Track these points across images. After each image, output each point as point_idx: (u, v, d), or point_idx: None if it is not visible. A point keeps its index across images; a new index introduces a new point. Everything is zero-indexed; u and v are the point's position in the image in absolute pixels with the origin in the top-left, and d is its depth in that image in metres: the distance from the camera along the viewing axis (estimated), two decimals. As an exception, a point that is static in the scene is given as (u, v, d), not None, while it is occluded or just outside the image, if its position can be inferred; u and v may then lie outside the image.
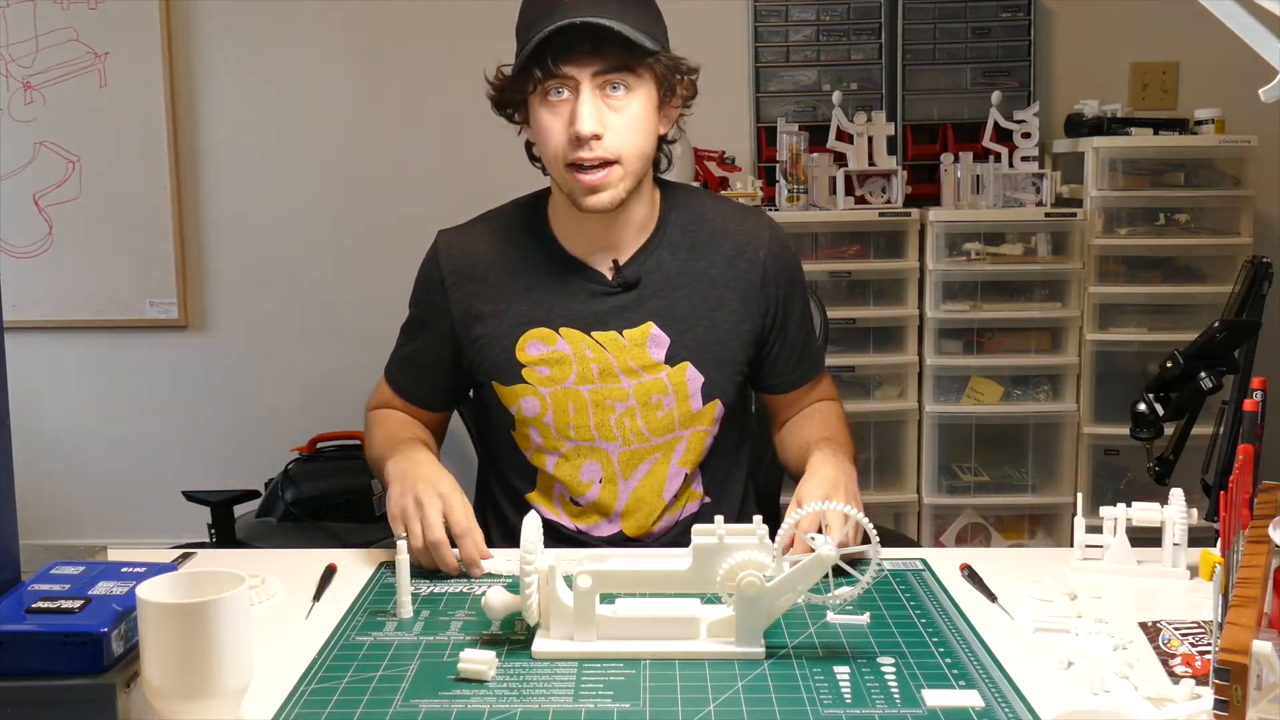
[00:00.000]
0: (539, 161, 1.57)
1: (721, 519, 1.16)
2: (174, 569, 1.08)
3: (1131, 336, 3.01)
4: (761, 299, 1.61)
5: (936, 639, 1.19)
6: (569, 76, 1.45)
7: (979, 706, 1.04)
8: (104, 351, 3.56)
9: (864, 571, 1.17)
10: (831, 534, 1.20)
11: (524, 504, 1.62)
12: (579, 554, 1.36)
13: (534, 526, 1.17)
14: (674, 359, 1.56)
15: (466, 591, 1.34)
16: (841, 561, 1.14)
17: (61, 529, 3.52)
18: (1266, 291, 1.64)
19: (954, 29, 3.26)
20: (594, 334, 1.56)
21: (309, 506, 2.98)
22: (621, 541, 1.59)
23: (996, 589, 1.33)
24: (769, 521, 1.17)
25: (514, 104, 1.54)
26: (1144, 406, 1.62)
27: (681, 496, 1.61)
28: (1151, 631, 1.20)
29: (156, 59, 3.41)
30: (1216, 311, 1.66)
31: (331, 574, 1.40)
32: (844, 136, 3.06)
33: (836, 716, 1.03)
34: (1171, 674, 1.10)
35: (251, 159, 3.50)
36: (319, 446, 3.22)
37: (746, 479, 1.74)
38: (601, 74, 1.45)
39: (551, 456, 1.59)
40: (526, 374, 1.57)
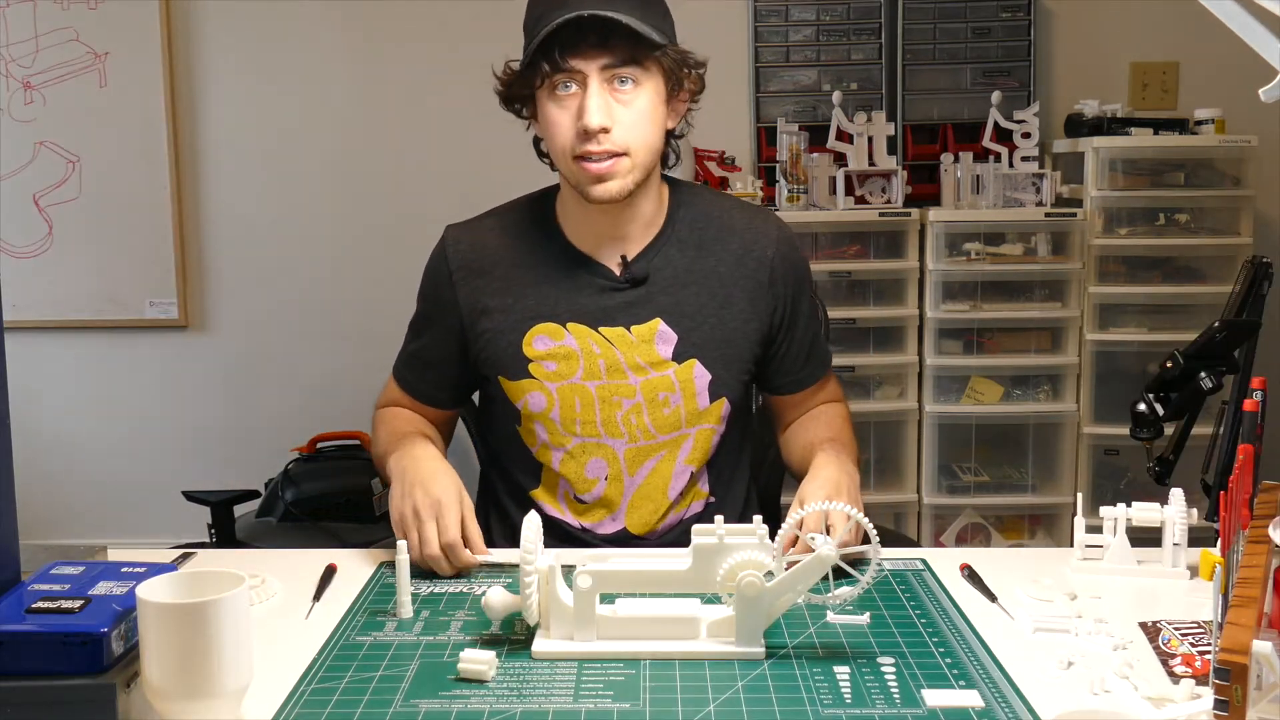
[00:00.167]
0: (547, 157, 1.57)
1: (722, 519, 1.16)
2: (174, 569, 1.08)
3: (1131, 336, 3.01)
4: (769, 298, 1.61)
5: (936, 639, 1.19)
6: (577, 70, 1.44)
7: (979, 706, 1.04)
8: (104, 351, 3.56)
9: (864, 571, 1.17)
10: (833, 534, 1.20)
11: (528, 501, 1.62)
12: (580, 554, 1.36)
13: (534, 526, 1.17)
14: (681, 356, 1.56)
15: (466, 591, 1.34)
16: (841, 561, 1.14)
17: (61, 529, 3.52)
18: (1266, 291, 1.64)
19: (954, 29, 3.26)
20: (601, 329, 1.55)
21: (309, 506, 2.98)
22: (625, 539, 1.59)
23: (996, 589, 1.33)
24: (770, 522, 1.17)
25: (522, 99, 1.54)
26: (1144, 406, 1.62)
27: (687, 495, 1.61)
28: (1151, 631, 1.20)
29: (156, 59, 3.41)
30: (1216, 311, 1.66)
31: (331, 574, 1.40)
32: (844, 136, 3.06)
33: (836, 716, 1.03)
34: (1171, 674, 1.10)
35: (251, 159, 3.50)
36: (319, 446, 3.22)
37: (750, 480, 1.74)
38: (609, 68, 1.44)
39: (557, 452, 1.58)
40: (533, 369, 1.56)
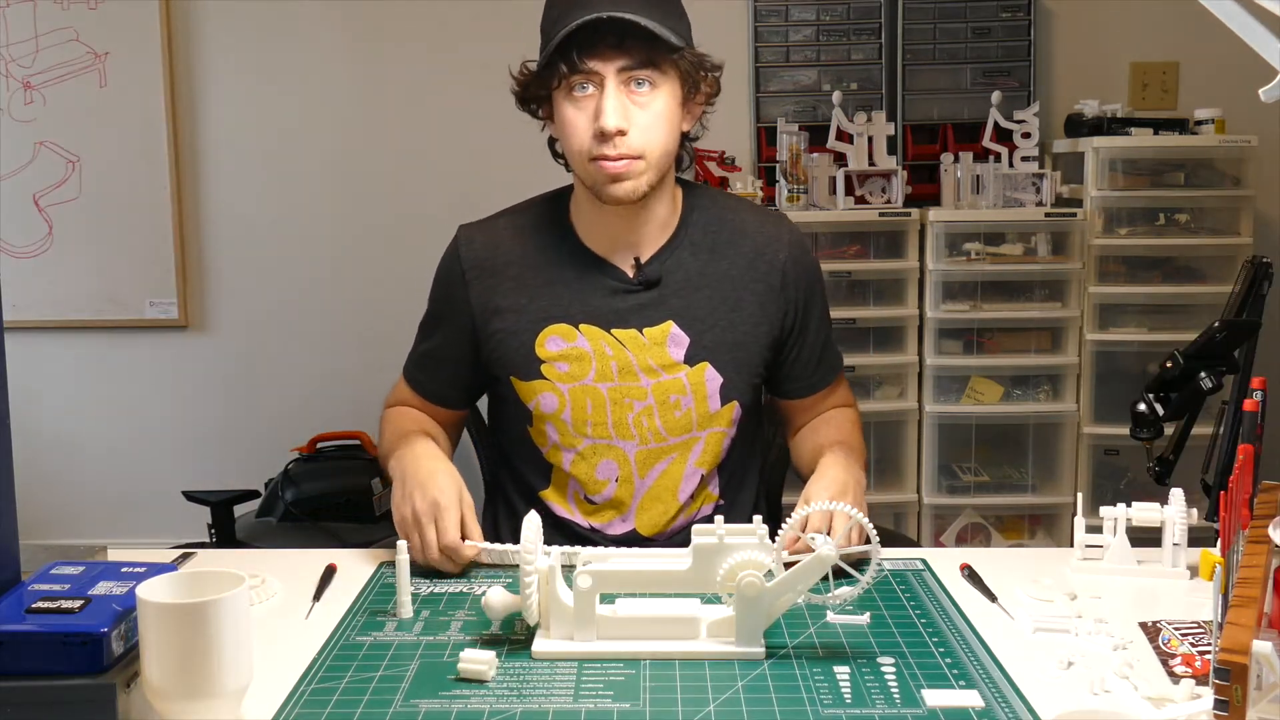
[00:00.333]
0: (561, 158, 1.57)
1: (722, 519, 1.16)
2: (174, 569, 1.08)
3: (1131, 336, 3.01)
4: (781, 302, 1.61)
5: (936, 639, 1.19)
6: (594, 72, 1.44)
7: (979, 706, 1.04)
8: (104, 351, 3.56)
9: (864, 571, 1.17)
10: (834, 534, 1.20)
11: (537, 501, 1.62)
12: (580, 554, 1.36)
13: (534, 526, 1.17)
14: (693, 359, 1.56)
15: (466, 591, 1.34)
16: (841, 561, 1.14)
17: (61, 529, 3.52)
18: (1266, 291, 1.64)
19: (954, 29, 3.26)
20: (614, 331, 1.55)
21: (309, 506, 2.98)
22: (635, 540, 1.59)
23: (996, 589, 1.33)
24: (771, 522, 1.17)
25: (538, 99, 1.54)
26: (1144, 406, 1.62)
27: (698, 498, 1.61)
28: (1151, 631, 1.20)
29: (156, 59, 3.41)
30: (1216, 311, 1.66)
31: (331, 574, 1.40)
32: (844, 136, 3.06)
33: (836, 716, 1.03)
34: (1171, 674, 1.10)
35: (251, 159, 3.50)
36: (319, 446, 3.22)
37: (759, 484, 1.74)
38: (626, 70, 1.44)
39: (568, 453, 1.58)
40: (545, 370, 1.56)
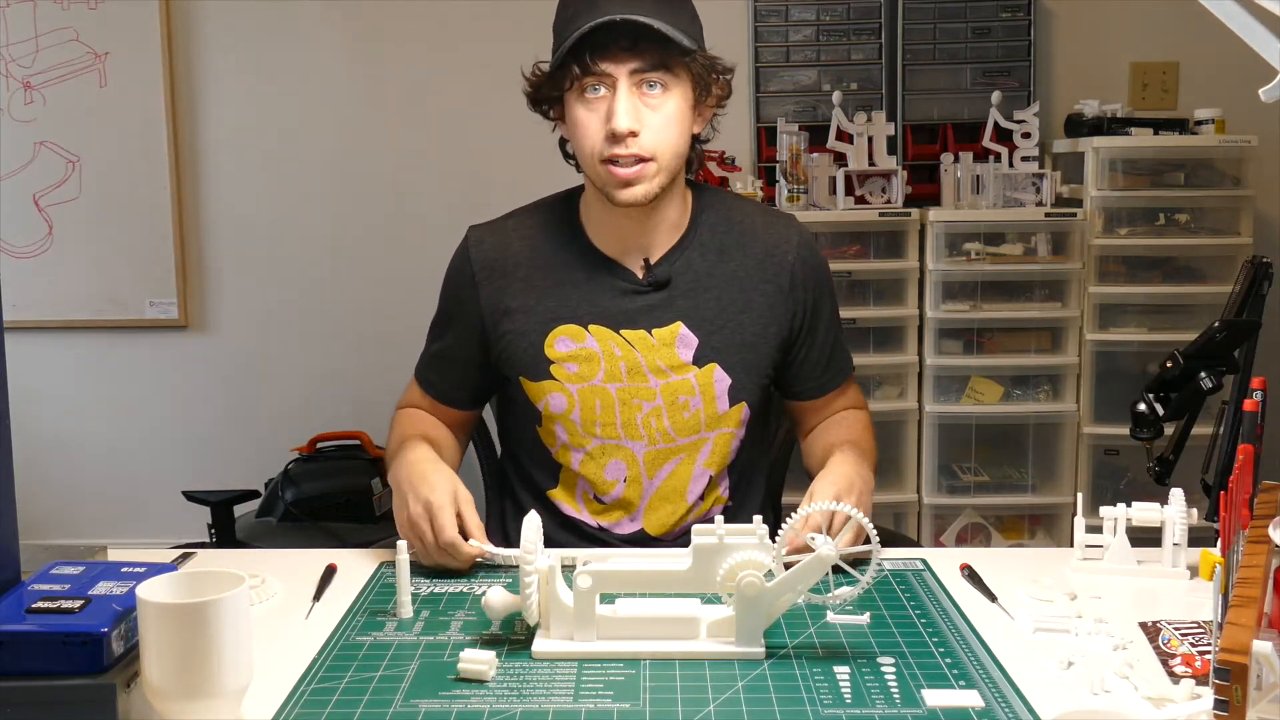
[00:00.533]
0: (573, 159, 1.57)
1: (722, 519, 1.16)
2: (174, 569, 1.08)
3: (1131, 336, 3.01)
4: (790, 303, 1.61)
5: (936, 639, 1.19)
6: (606, 74, 1.45)
7: (979, 706, 1.04)
8: (104, 351, 3.56)
9: (864, 571, 1.17)
10: (833, 533, 1.20)
11: (546, 500, 1.62)
12: (580, 553, 1.36)
13: (534, 526, 1.17)
14: (702, 360, 1.56)
15: (466, 591, 1.34)
16: (841, 561, 1.14)
17: (61, 529, 3.52)
18: (1266, 291, 1.64)
19: (954, 29, 3.26)
20: (623, 332, 1.55)
21: (309, 506, 2.98)
22: (643, 540, 1.59)
23: (996, 589, 1.33)
24: (773, 520, 1.17)
25: (550, 100, 1.54)
26: (1144, 406, 1.62)
27: (707, 499, 1.61)
28: (1151, 631, 1.20)
29: (156, 59, 3.41)
30: (1216, 311, 1.66)
31: (331, 574, 1.40)
32: (844, 136, 3.06)
33: (836, 716, 1.03)
34: (1171, 674, 1.10)
35: (251, 159, 3.50)
36: (319, 446, 3.22)
37: (766, 486, 1.74)
38: (639, 72, 1.45)
39: (577, 453, 1.58)
40: (554, 370, 1.56)
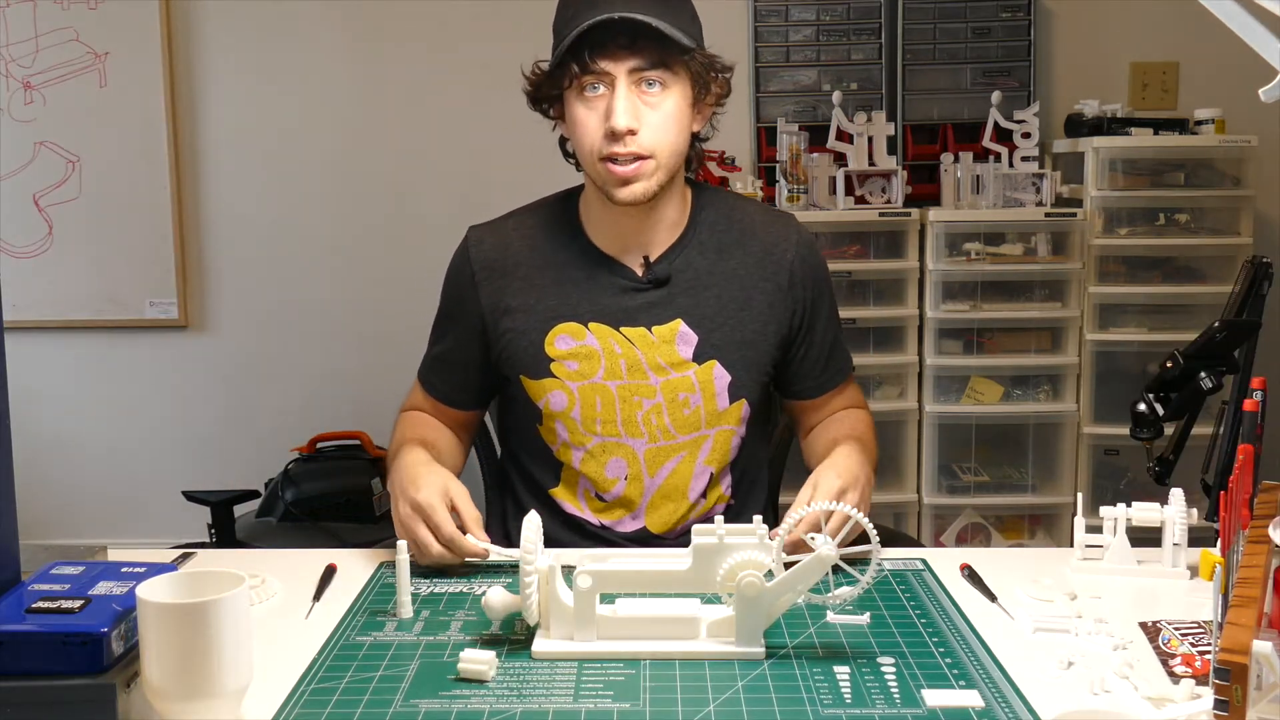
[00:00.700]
0: (572, 158, 1.57)
1: (722, 519, 1.17)
2: (174, 569, 1.08)
3: (1131, 336, 3.01)
4: (789, 301, 1.61)
5: (936, 639, 1.19)
6: (605, 72, 1.45)
7: (979, 706, 1.04)
8: (104, 351, 3.56)
9: (864, 571, 1.17)
10: (831, 532, 1.20)
11: (547, 499, 1.62)
12: (580, 553, 1.36)
13: (534, 526, 1.17)
14: (701, 357, 1.56)
15: (466, 591, 1.34)
16: (841, 561, 1.14)
17: (61, 529, 3.52)
18: (1266, 291, 1.64)
19: (954, 29, 3.26)
20: (623, 329, 1.56)
21: (309, 506, 2.98)
22: (645, 538, 1.60)
23: (996, 589, 1.33)
24: (774, 522, 1.17)
25: (550, 99, 1.54)
26: (1144, 406, 1.62)
27: (709, 497, 1.61)
28: (1151, 631, 1.20)
29: (156, 59, 3.41)
30: (1216, 311, 1.66)
31: (331, 574, 1.40)
32: (844, 136, 3.06)
33: (836, 716, 1.03)
34: (1171, 674, 1.10)
35: (251, 159, 3.50)
36: (319, 446, 3.22)
37: (768, 486, 1.74)
38: (638, 70, 1.46)
39: (577, 451, 1.59)
40: (555, 368, 1.57)
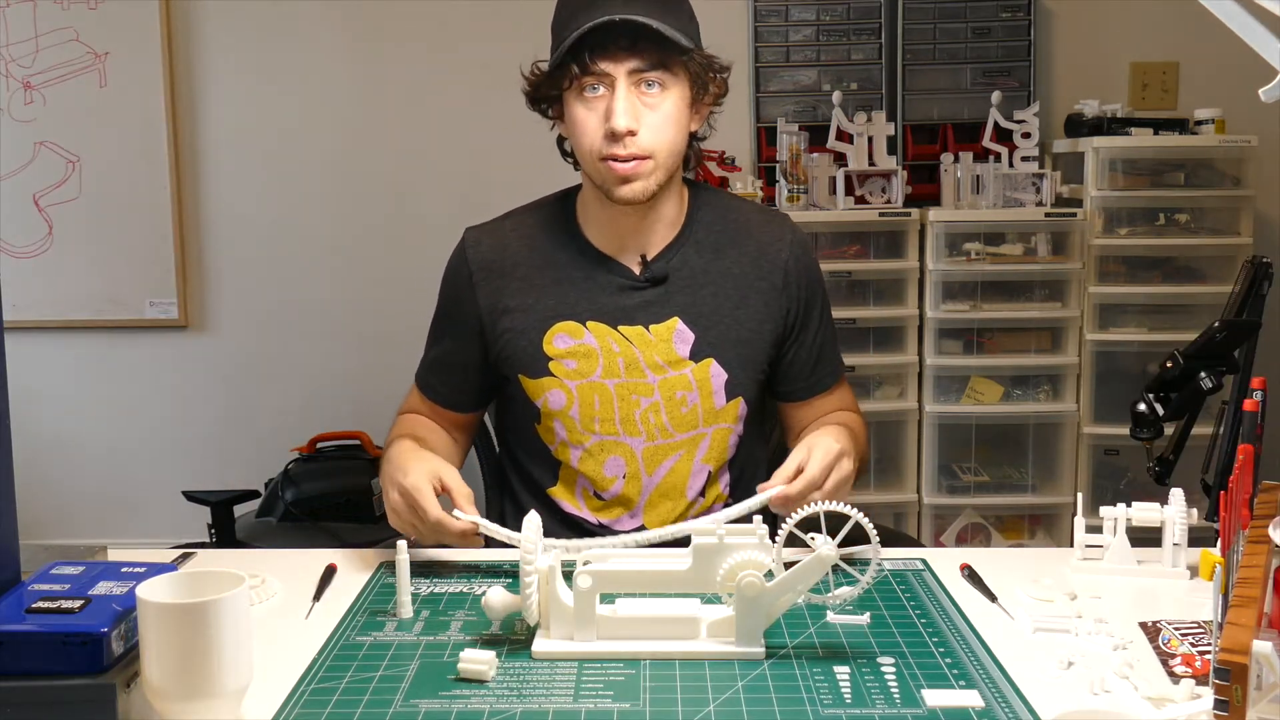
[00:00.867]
0: (570, 157, 1.58)
1: (723, 519, 1.17)
2: (174, 569, 1.08)
3: (1131, 336, 3.01)
4: (783, 300, 1.61)
5: (936, 639, 1.19)
6: (605, 73, 1.46)
7: (979, 706, 1.04)
8: (104, 351, 3.56)
9: (864, 571, 1.17)
10: (811, 468, 1.26)
11: (546, 498, 1.62)
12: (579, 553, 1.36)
13: (534, 526, 1.17)
14: (698, 355, 1.57)
15: (466, 591, 1.34)
16: (841, 561, 1.14)
17: (61, 529, 3.52)
18: (1266, 291, 1.64)
19: (954, 29, 3.26)
20: (621, 328, 1.56)
21: (309, 506, 2.98)
22: None
23: (996, 589, 1.33)
24: (771, 522, 1.17)
25: (549, 99, 1.55)
26: (1144, 406, 1.62)
27: (707, 495, 1.61)
28: (1151, 631, 1.20)
29: (156, 59, 3.41)
30: (1216, 311, 1.66)
31: (331, 574, 1.40)
32: (844, 136, 3.06)
33: (836, 716, 1.03)
34: (1171, 674, 1.10)
35: (251, 159, 3.50)
36: (319, 446, 3.22)
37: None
38: (637, 71, 1.46)
39: (576, 450, 1.59)
40: (553, 367, 1.57)
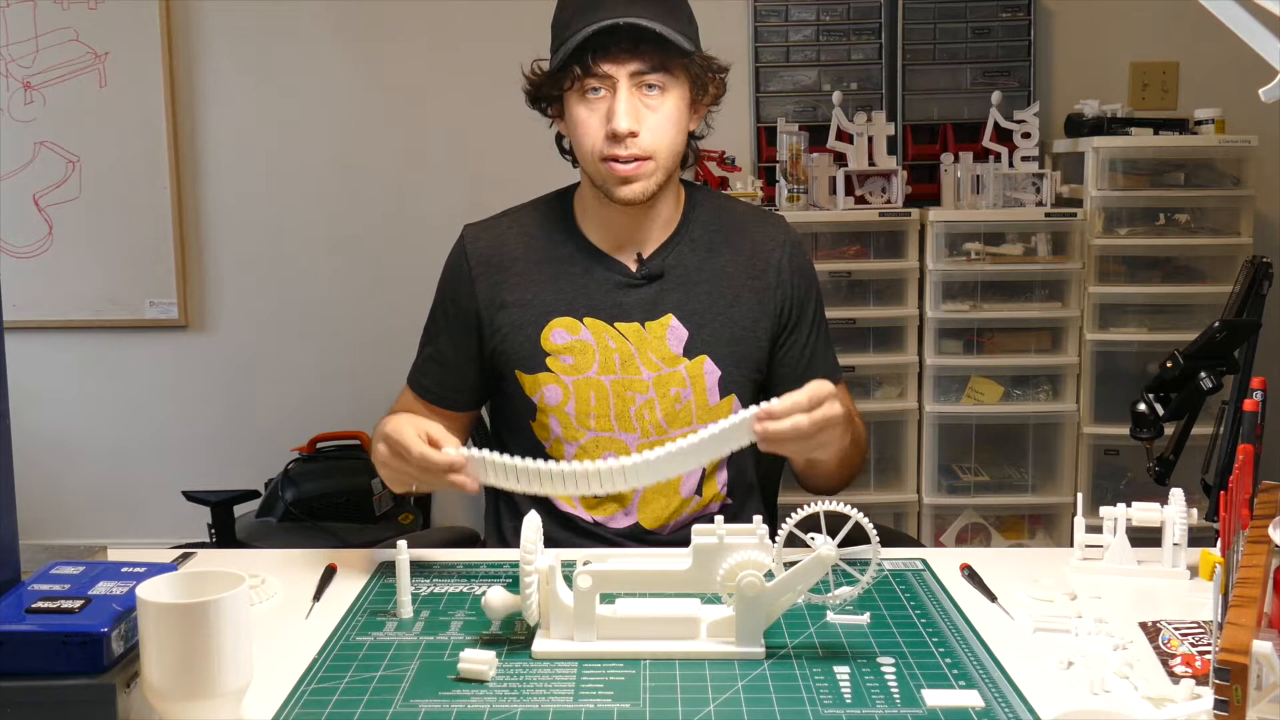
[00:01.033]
0: (569, 154, 1.59)
1: (722, 519, 1.17)
2: (174, 569, 1.08)
3: (1131, 336, 3.01)
4: (777, 299, 1.62)
5: (936, 639, 1.19)
6: (607, 75, 1.47)
7: (979, 706, 1.04)
8: (104, 351, 3.56)
9: (864, 571, 1.17)
10: (799, 394, 1.25)
11: (542, 497, 1.61)
12: (580, 553, 1.36)
13: (534, 526, 1.17)
14: (691, 352, 1.57)
15: (466, 591, 1.34)
16: (841, 561, 1.14)
17: (61, 529, 3.52)
18: (1266, 291, 1.64)
19: (954, 29, 3.26)
20: (617, 324, 1.57)
21: (309, 506, 2.98)
22: (639, 534, 1.60)
23: (996, 589, 1.33)
24: (771, 523, 1.17)
25: (549, 99, 1.56)
26: (1144, 406, 1.62)
27: (704, 494, 1.61)
28: (1151, 631, 1.20)
29: (156, 59, 3.41)
30: (1216, 311, 1.66)
31: (331, 574, 1.40)
32: (844, 136, 3.06)
33: (836, 716, 1.03)
34: (1171, 674, 1.10)
35: (251, 159, 3.49)
36: (319, 446, 3.22)
37: (763, 486, 1.74)
38: (639, 74, 1.48)
39: (570, 446, 1.59)
40: (550, 362, 1.57)
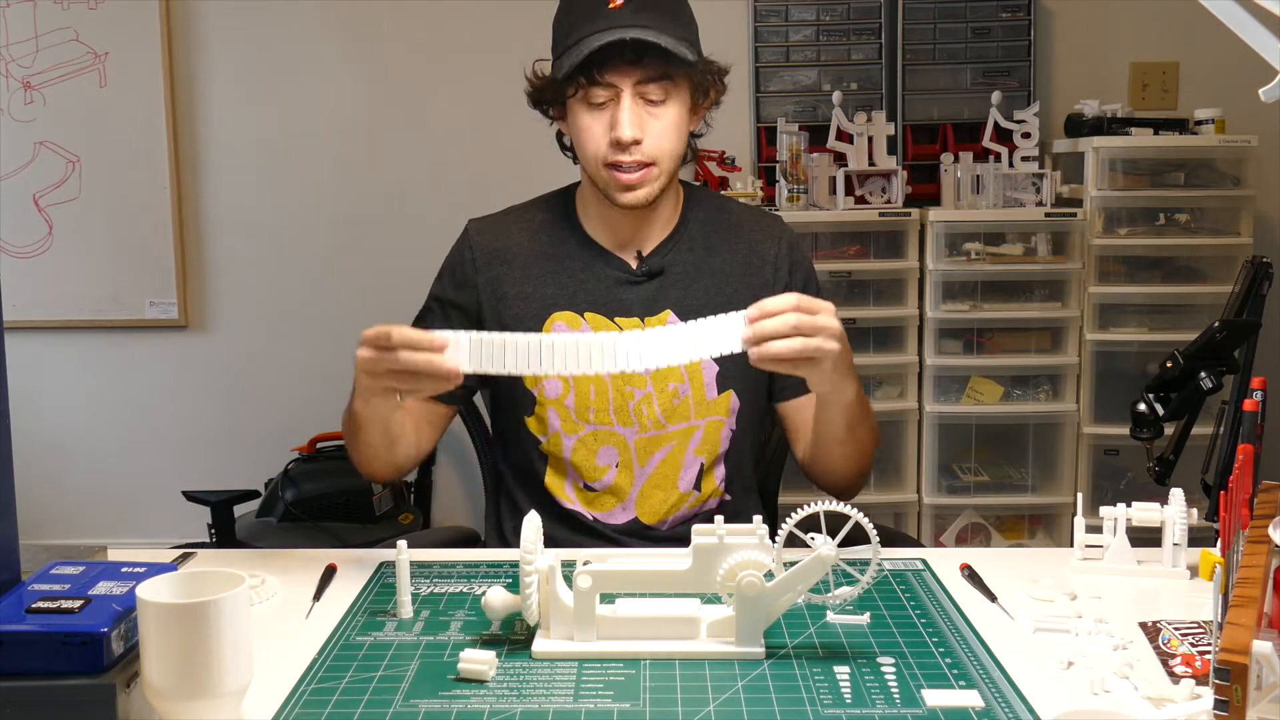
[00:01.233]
0: (570, 152, 1.62)
1: (723, 519, 1.17)
2: (174, 569, 1.08)
3: (1131, 336, 3.01)
4: (773, 293, 1.61)
5: (936, 639, 1.19)
6: (611, 84, 1.50)
7: (979, 706, 1.04)
8: (104, 351, 3.56)
9: (864, 571, 1.17)
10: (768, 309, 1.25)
11: (541, 493, 1.63)
12: (580, 553, 1.36)
13: (534, 526, 1.17)
14: None
15: (466, 592, 1.34)
16: (841, 561, 1.14)
17: (61, 529, 3.52)
18: (1266, 291, 1.64)
19: (954, 29, 3.26)
20: (617, 320, 1.59)
21: (309, 506, 2.98)
22: (638, 529, 1.60)
23: (996, 589, 1.33)
24: (770, 522, 1.17)
25: (551, 102, 1.59)
26: (1144, 406, 1.62)
27: (703, 489, 1.62)
28: (1151, 631, 1.20)
29: (156, 59, 3.41)
30: (1216, 311, 1.66)
31: (331, 574, 1.40)
32: (844, 136, 3.06)
33: (836, 716, 1.03)
34: (1171, 674, 1.10)
35: (251, 159, 3.49)
36: (319, 446, 3.22)
37: (763, 486, 1.75)
38: (642, 83, 1.50)
39: (569, 440, 1.60)
40: None
